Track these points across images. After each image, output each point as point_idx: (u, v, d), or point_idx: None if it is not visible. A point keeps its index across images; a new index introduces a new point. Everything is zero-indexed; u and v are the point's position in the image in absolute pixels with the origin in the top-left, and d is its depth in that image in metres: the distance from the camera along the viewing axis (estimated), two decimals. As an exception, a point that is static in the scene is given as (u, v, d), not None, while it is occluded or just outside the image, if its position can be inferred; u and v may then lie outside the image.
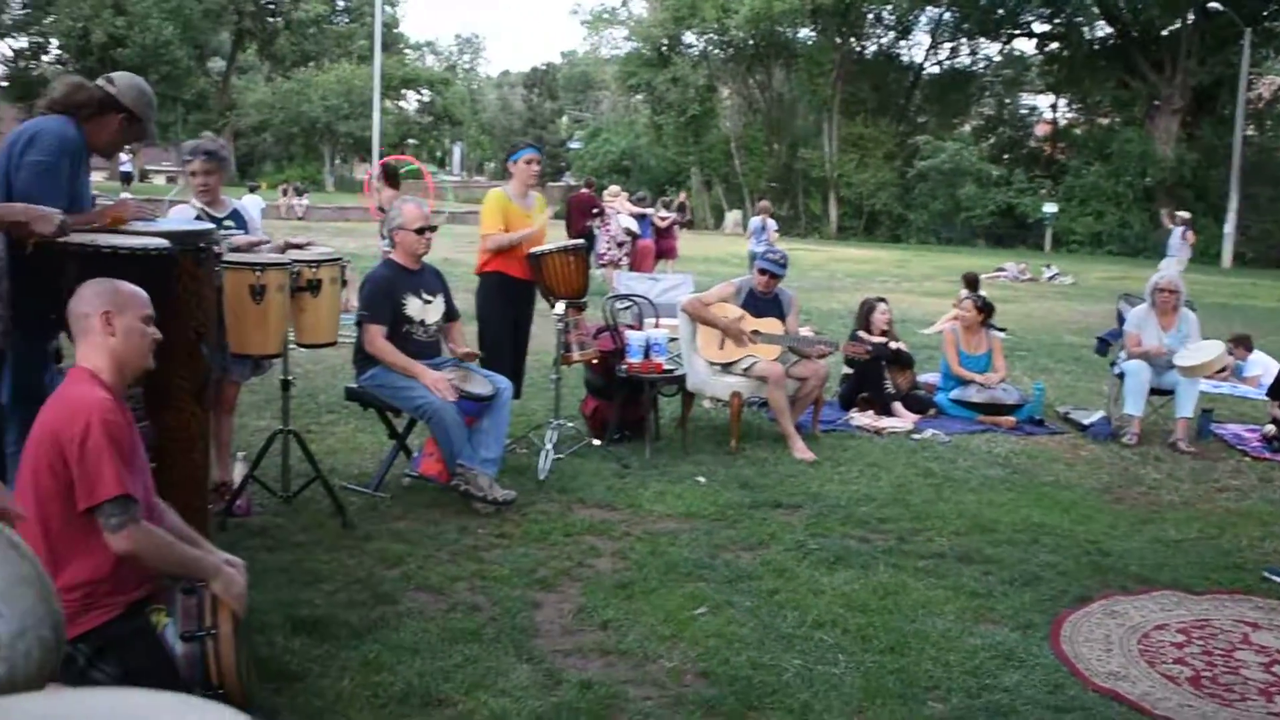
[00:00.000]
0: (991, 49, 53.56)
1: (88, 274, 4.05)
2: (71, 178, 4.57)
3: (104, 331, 3.37)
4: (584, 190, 19.44)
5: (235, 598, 3.37)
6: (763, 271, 8.16)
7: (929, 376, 10.24)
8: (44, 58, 57.60)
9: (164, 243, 4.22)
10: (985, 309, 9.83)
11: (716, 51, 52.76)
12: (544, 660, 4.29)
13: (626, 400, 7.86)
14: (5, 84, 56.37)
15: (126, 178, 43.20)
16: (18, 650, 1.55)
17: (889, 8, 50.31)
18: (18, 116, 38.87)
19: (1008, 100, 54.99)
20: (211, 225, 5.21)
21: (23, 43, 58.53)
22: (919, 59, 54.24)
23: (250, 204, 12.84)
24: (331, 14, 69.77)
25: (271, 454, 6.22)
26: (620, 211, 18.58)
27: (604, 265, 17.50)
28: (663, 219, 20.12)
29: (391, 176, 14.30)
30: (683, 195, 24.01)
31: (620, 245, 18.11)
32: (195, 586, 3.42)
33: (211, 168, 6.07)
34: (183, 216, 5.95)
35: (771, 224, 21.58)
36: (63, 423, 3.20)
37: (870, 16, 51.27)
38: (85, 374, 3.37)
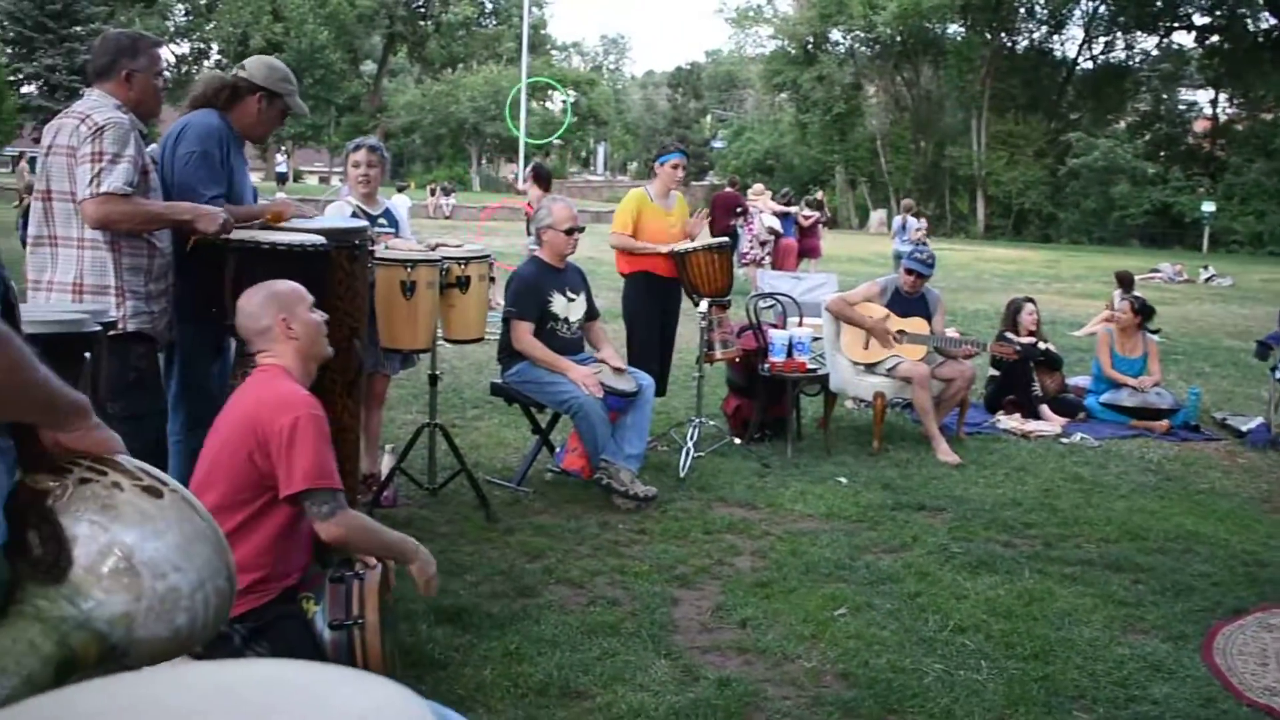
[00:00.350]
0: (1148, 42, 52.20)
1: (247, 269, 4.21)
2: (225, 164, 4.73)
3: (286, 335, 3.56)
4: (728, 189, 19.42)
5: (431, 578, 3.59)
6: (909, 271, 8.07)
7: (1079, 379, 10.00)
8: (205, 63, 59.56)
9: (321, 239, 4.35)
10: (1143, 311, 9.57)
11: (863, 48, 52.29)
12: (682, 656, 4.30)
13: (768, 399, 7.83)
14: (169, 88, 58.46)
15: (282, 178, 44.49)
16: (197, 601, 1.65)
17: (1041, 1, 49.24)
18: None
19: (1165, 95, 53.24)
20: (366, 223, 5.35)
21: (185, 48, 60.65)
22: (1072, 54, 53.11)
23: (399, 204, 13.11)
24: (480, 17, 70.86)
25: (418, 447, 6.37)
26: (764, 210, 18.51)
27: (746, 264, 17.47)
28: (806, 217, 20.00)
29: (542, 177, 14.44)
30: (820, 193, 23.76)
31: (763, 244, 18.06)
32: (344, 575, 3.53)
33: (374, 160, 6.22)
34: (339, 214, 6.11)
35: (914, 222, 21.30)
36: (270, 414, 3.35)
37: (1022, 10, 50.32)
38: (281, 371, 3.55)
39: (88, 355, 2.45)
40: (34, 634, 1.54)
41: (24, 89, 47.39)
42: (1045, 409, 9.01)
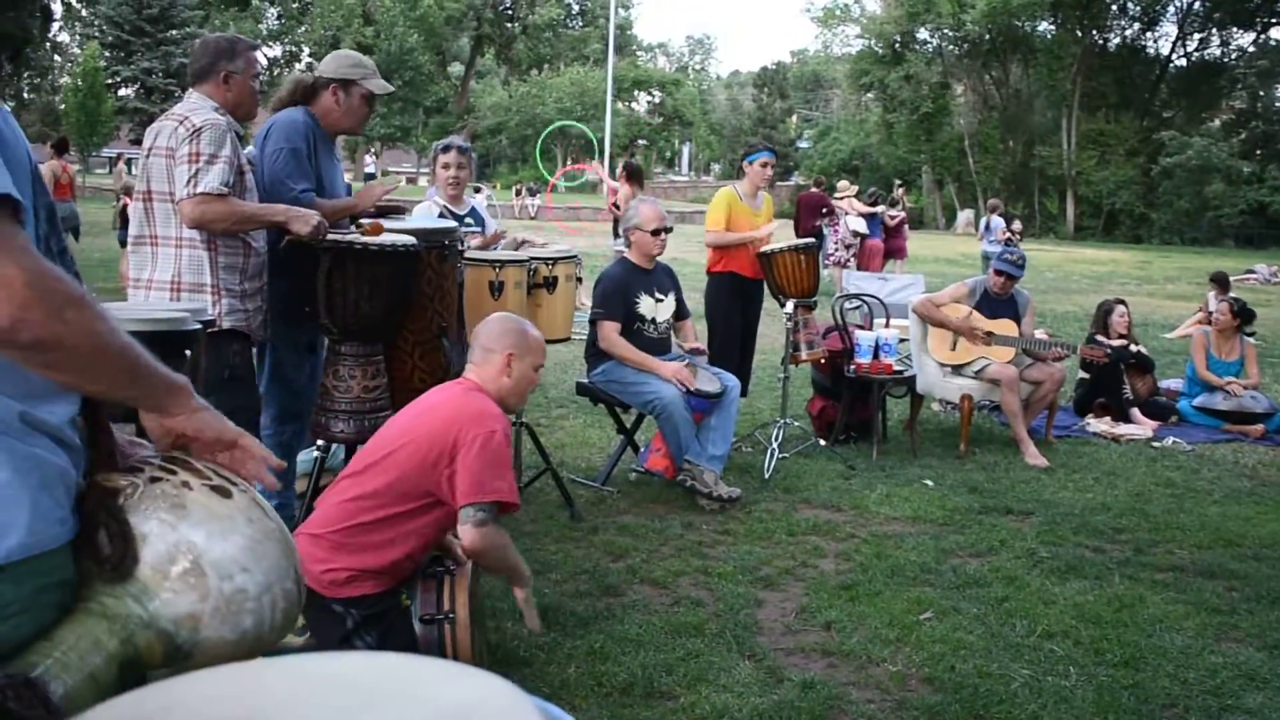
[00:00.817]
0: (1245, 39, 51.04)
1: (339, 268, 4.28)
2: (312, 159, 4.82)
3: (503, 371, 3.69)
4: (813, 189, 19.33)
5: (529, 609, 3.76)
6: (999, 272, 7.98)
7: (1171, 382, 9.83)
8: (297, 65, 60.54)
9: (411, 240, 4.42)
10: (1243, 314, 9.38)
11: (951, 47, 51.79)
12: (766, 658, 4.30)
13: (854, 401, 7.79)
14: (264, 90, 59.47)
15: (370, 179, 45.04)
16: (264, 603, 1.64)
17: (1134, -3, 48.49)
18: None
19: (1262, 93, 51.94)
20: (454, 223, 5.41)
21: (277, 51, 61.66)
22: (1165, 51, 52.06)
23: (478, 203, 13.23)
24: (566, 18, 71.23)
25: (504, 446, 6.41)
26: (850, 212, 18.41)
27: (831, 265, 17.38)
28: (892, 218, 19.85)
29: (635, 175, 14.50)
30: (899, 190, 23.50)
31: (848, 246, 17.96)
32: (436, 571, 3.59)
33: (463, 162, 6.29)
34: (427, 214, 6.18)
35: (999, 222, 21.02)
36: (466, 422, 3.48)
37: (1114, 7, 49.45)
38: (479, 388, 3.68)
39: (188, 353, 2.52)
40: (99, 631, 1.55)
41: (121, 91, 48.48)
42: (1136, 412, 8.87)
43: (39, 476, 1.53)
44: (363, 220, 4.84)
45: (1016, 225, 21.90)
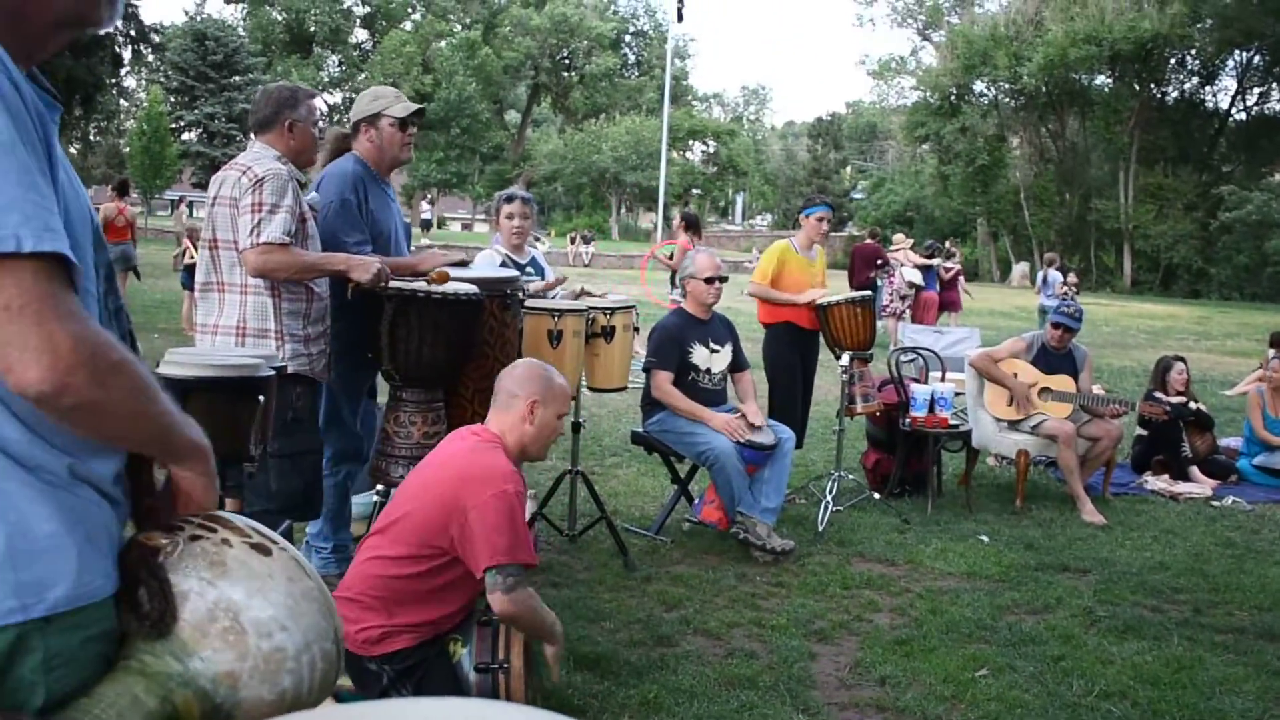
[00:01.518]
0: (1306, 94, 50.53)
1: (403, 315, 4.35)
2: (364, 206, 4.93)
3: (525, 418, 3.65)
4: (868, 241, 19.32)
5: (555, 664, 3.64)
6: (1056, 325, 7.94)
7: (1230, 440, 9.72)
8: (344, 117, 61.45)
9: (474, 288, 4.47)
10: (1297, 372, 9.28)
11: (1007, 100, 51.69)
12: (820, 712, 4.29)
13: (909, 454, 7.77)
14: (323, 137, 60.27)
15: (426, 225, 45.53)
16: (303, 663, 1.63)
17: (1193, 52, 48.17)
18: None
19: (1323, 149, 51.55)
20: (516, 272, 5.47)
21: (338, 98, 62.57)
22: (1225, 104, 51.69)
23: (537, 253, 13.33)
24: (623, 68, 71.83)
25: (559, 493, 6.45)
26: (905, 264, 18.38)
27: (886, 317, 17.35)
28: (947, 269, 19.79)
29: (693, 225, 14.57)
30: (950, 245, 23.45)
31: (903, 298, 17.93)
32: (491, 619, 3.60)
33: (526, 212, 6.37)
34: (489, 262, 6.26)
35: (1055, 275, 20.90)
36: (476, 484, 3.45)
37: (1172, 61, 49.18)
38: (496, 441, 3.65)
39: (260, 398, 2.57)
40: (139, 689, 1.55)
41: (184, 135, 49.33)
42: (1195, 470, 8.78)
43: (85, 530, 1.55)
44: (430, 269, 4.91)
45: (1072, 278, 21.75)
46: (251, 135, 4.80)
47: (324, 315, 4.73)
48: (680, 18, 39.80)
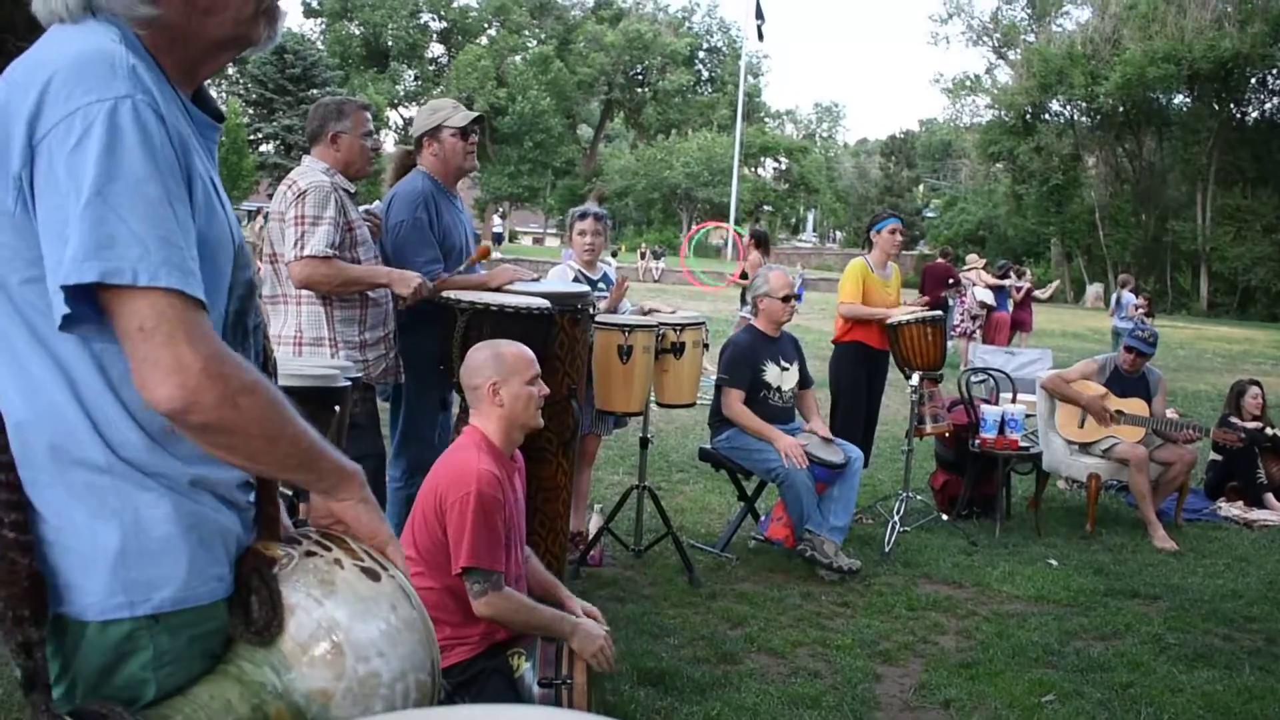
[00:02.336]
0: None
1: (475, 328, 4.40)
2: (435, 222, 4.98)
3: (492, 402, 3.63)
4: (939, 260, 19.20)
5: (591, 654, 3.50)
6: (1130, 349, 7.85)
7: (1309, 468, 9.53)
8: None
9: (545, 303, 4.52)
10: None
11: (1083, 119, 51.21)
12: (885, 733, 4.27)
13: (978, 476, 7.71)
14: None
15: (498, 238, 45.84)
16: (396, 691, 1.65)
17: (1274, 71, 47.41)
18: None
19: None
20: (587, 287, 5.52)
21: (412, 112, 63.20)
22: (1306, 125, 50.75)
23: (608, 268, 13.40)
24: (696, 84, 71.96)
25: (625, 508, 6.47)
26: (977, 284, 18.25)
27: (957, 337, 17.23)
28: (1019, 289, 19.62)
29: (763, 242, 14.59)
30: (1019, 269, 23.27)
31: (974, 318, 17.79)
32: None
33: (599, 229, 6.44)
34: (561, 277, 6.31)
35: (1130, 297, 20.63)
36: (447, 486, 3.47)
37: (1253, 80, 48.43)
38: (478, 437, 3.64)
39: (336, 409, 2.61)
40: (233, 695, 1.59)
41: (262, 147, 50.07)
42: (1270, 497, 8.61)
43: (200, 534, 1.61)
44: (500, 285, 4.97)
45: (1142, 300, 21.44)
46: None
47: (383, 320, 4.82)
48: (761, 36, 39.88)
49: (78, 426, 1.55)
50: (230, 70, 50.90)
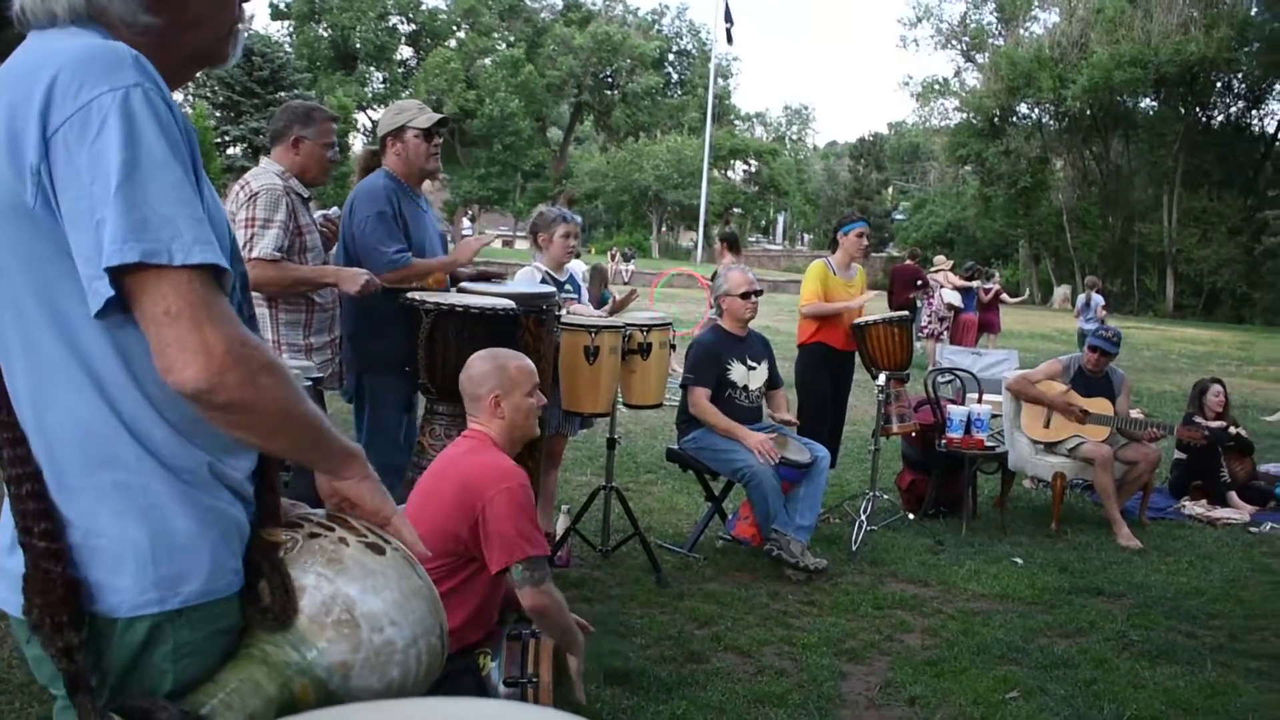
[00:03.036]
0: (1354, 119, 50.00)
1: (440, 329, 4.40)
2: (399, 218, 4.99)
3: (494, 413, 3.65)
4: (908, 262, 19.28)
5: (578, 679, 3.59)
6: (1094, 349, 7.91)
7: (1270, 466, 9.62)
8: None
9: (510, 304, 4.53)
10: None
11: (1051, 122, 51.48)
12: (850, 731, 4.29)
13: (944, 475, 7.75)
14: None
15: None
16: (410, 655, 1.74)
17: (1239, 75, 47.81)
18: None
19: (1370, 174, 50.93)
20: (553, 288, 5.53)
21: (381, 114, 63.07)
22: (1271, 129, 51.21)
23: (575, 269, 13.41)
24: (665, 87, 72.02)
25: (592, 509, 6.47)
26: (945, 285, 18.33)
27: (925, 338, 17.30)
28: (986, 291, 19.72)
29: (733, 244, 14.63)
30: (989, 270, 23.35)
31: (942, 320, 17.87)
32: (521, 633, 3.62)
33: (577, 231, 6.46)
34: (529, 278, 6.32)
35: (1098, 299, 20.72)
36: (481, 483, 3.46)
37: (1219, 85, 48.83)
38: (486, 440, 3.65)
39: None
40: (260, 676, 1.64)
41: (229, 150, 49.76)
42: (1234, 496, 8.70)
43: (220, 529, 1.66)
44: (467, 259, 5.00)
45: (1098, 299, 21.41)
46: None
47: (329, 325, 4.86)
48: (730, 40, 39.84)
49: (106, 425, 1.59)
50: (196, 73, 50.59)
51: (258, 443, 1.67)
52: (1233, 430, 9.05)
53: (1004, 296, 20.45)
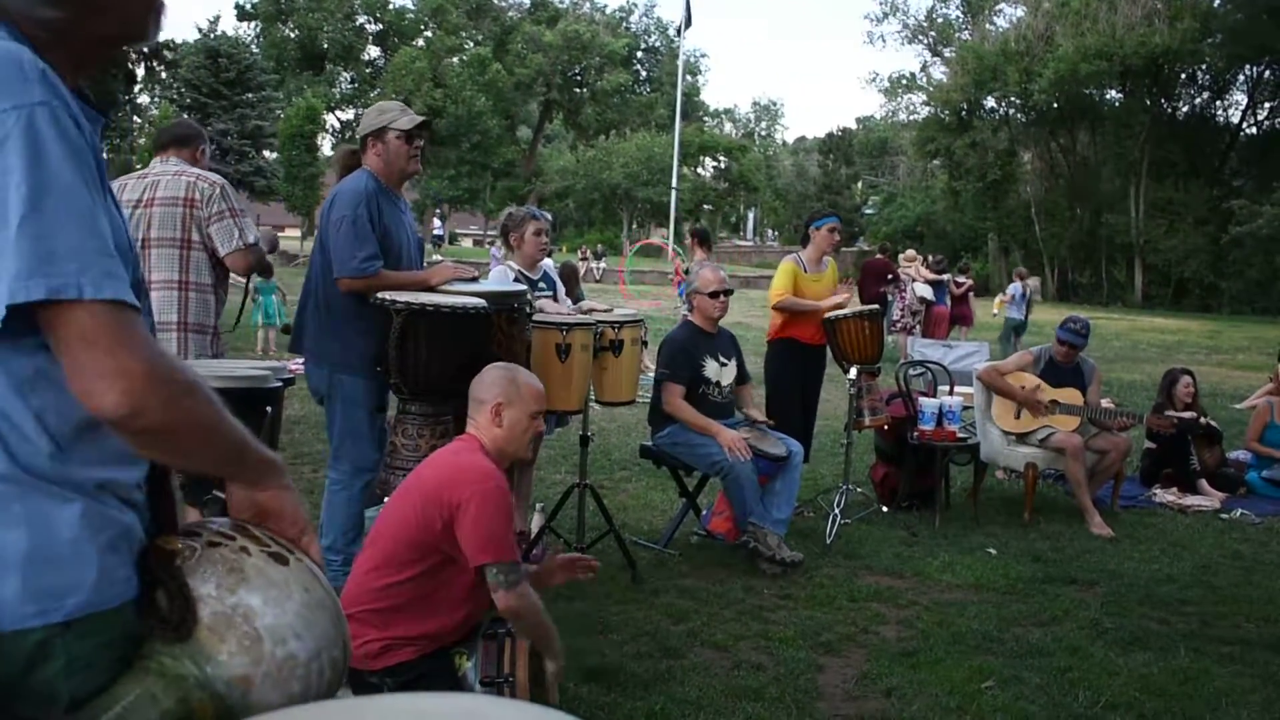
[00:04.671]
0: (1317, 107, 50.40)
1: (411, 329, 4.39)
2: (376, 222, 4.97)
3: (492, 421, 3.66)
4: (878, 256, 19.35)
5: (559, 675, 3.60)
6: (1062, 341, 7.95)
7: (1239, 454, 9.70)
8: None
9: (481, 302, 4.52)
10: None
11: (1018, 115, 51.69)
12: (826, 723, 4.31)
13: (917, 468, 7.78)
14: (331, 153, 60.57)
15: (438, 240, 45.63)
16: (313, 670, 1.68)
17: (1203, 67, 48.13)
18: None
19: (1335, 163, 51.31)
20: (525, 286, 5.52)
21: (349, 115, 62.84)
22: (1235, 119, 51.63)
23: (548, 267, 13.42)
24: (634, 84, 71.97)
25: (567, 507, 6.47)
26: (916, 279, 18.41)
27: (897, 331, 17.37)
28: (958, 284, 19.81)
29: (705, 240, 14.70)
30: (962, 263, 23.40)
31: (914, 313, 17.94)
32: (497, 632, 3.62)
33: (547, 228, 6.46)
34: (501, 277, 6.31)
35: (1016, 287, 20.56)
36: (458, 484, 3.46)
37: (1183, 76, 49.17)
38: (476, 444, 3.65)
39: (269, 409, 2.61)
40: (157, 689, 1.59)
41: (197, 152, 49.46)
42: (1204, 483, 8.77)
43: (107, 536, 1.59)
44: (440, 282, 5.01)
45: (1028, 284, 21.28)
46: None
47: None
48: (689, 21, 39.60)
49: None
50: (163, 74, 50.30)
51: (177, 462, 1.64)
52: (1202, 420, 9.12)
53: (972, 297, 20.50)
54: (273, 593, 1.66)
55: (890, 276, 17.84)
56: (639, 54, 74.22)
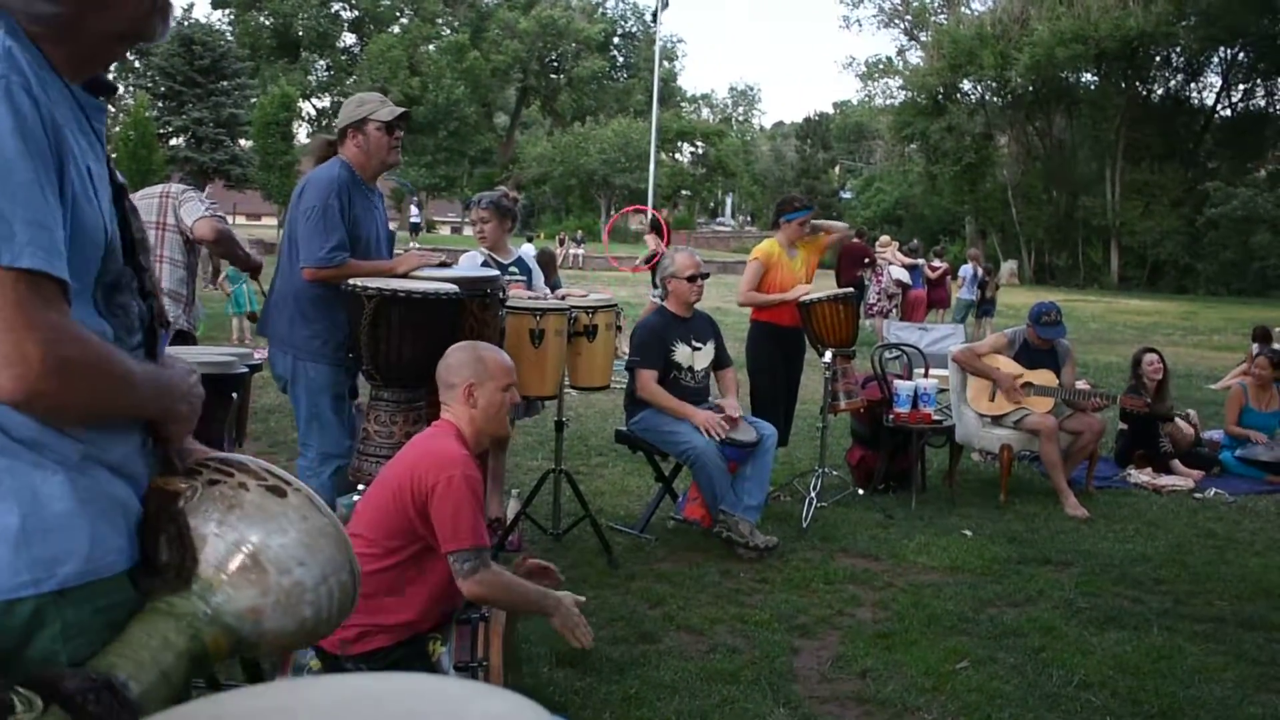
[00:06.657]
0: (1290, 90, 50.62)
1: (382, 315, 4.38)
2: (346, 211, 4.95)
3: (466, 403, 3.65)
4: (855, 240, 19.35)
5: (576, 627, 3.58)
6: (1040, 337, 7.92)
7: (1214, 433, 9.75)
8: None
9: (452, 288, 4.50)
10: (1280, 365, 9.31)
11: (994, 99, 51.76)
12: (801, 706, 4.31)
13: (893, 450, 7.80)
14: (307, 141, 60.34)
15: (415, 228, 45.49)
16: (321, 594, 1.74)
17: (1178, 49, 48.28)
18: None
19: (1307, 144, 51.58)
20: (497, 272, 5.51)
21: (326, 102, 62.55)
22: (1210, 101, 51.79)
23: (525, 252, 13.43)
24: (611, 70, 71.87)
25: (543, 493, 6.46)
26: (893, 262, 18.44)
27: (873, 315, 17.39)
28: (934, 269, 19.86)
29: (654, 227, 14.88)
30: (938, 247, 23.40)
31: (890, 297, 17.98)
32: (470, 617, 3.62)
33: (488, 216, 6.45)
34: (471, 263, 6.29)
35: (974, 268, 20.56)
36: (425, 470, 3.45)
37: (1157, 59, 49.31)
38: (451, 430, 3.65)
39: (235, 395, 2.60)
40: (168, 629, 1.63)
41: (172, 141, 49.17)
42: (1178, 463, 8.81)
43: (99, 506, 1.62)
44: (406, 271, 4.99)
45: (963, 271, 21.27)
46: None
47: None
48: (665, 4, 39.59)
49: None
50: (136, 64, 49.95)
51: (89, 423, 1.63)
52: (1173, 411, 9.10)
53: (949, 280, 20.52)
54: (273, 525, 1.71)
55: (867, 261, 17.86)
56: (615, 40, 74.18)
